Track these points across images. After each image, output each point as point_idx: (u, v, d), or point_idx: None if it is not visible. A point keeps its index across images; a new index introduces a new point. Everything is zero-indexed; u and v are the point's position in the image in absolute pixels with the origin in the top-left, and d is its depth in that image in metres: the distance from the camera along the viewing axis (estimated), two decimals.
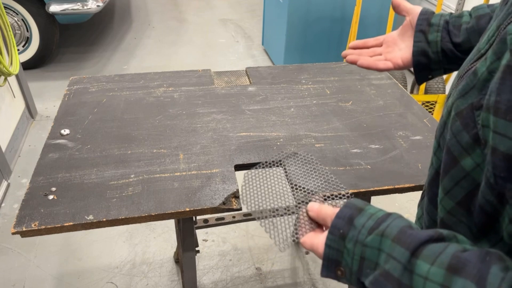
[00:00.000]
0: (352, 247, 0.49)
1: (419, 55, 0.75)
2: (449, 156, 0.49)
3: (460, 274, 0.41)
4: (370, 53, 0.84)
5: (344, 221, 0.52)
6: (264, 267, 1.86)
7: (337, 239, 0.51)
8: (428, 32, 0.75)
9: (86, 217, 0.86)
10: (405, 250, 0.45)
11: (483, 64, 0.46)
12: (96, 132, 1.12)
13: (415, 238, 0.45)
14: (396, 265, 0.45)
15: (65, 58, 3.58)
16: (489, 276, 0.39)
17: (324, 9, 3.03)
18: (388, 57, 0.81)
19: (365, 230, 0.49)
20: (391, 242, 0.46)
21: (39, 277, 1.78)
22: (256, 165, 0.93)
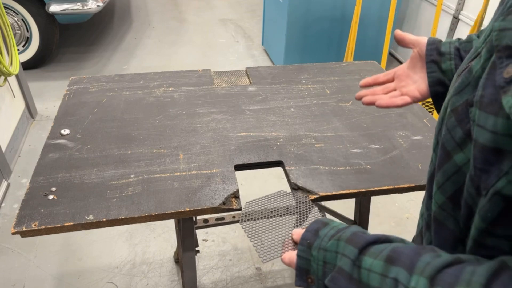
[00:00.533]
0: (316, 254, 0.56)
1: (436, 85, 0.75)
2: (443, 151, 0.51)
3: (395, 263, 0.47)
4: (384, 90, 0.82)
5: (311, 233, 0.59)
6: (264, 267, 1.86)
7: (305, 249, 0.58)
8: (440, 61, 0.74)
9: (86, 217, 0.86)
10: (354, 248, 0.52)
11: (477, 62, 0.47)
12: (96, 132, 1.12)
13: (364, 239, 0.53)
14: (347, 261, 0.52)
15: (65, 58, 3.58)
16: (418, 263, 0.46)
17: (324, 9, 3.03)
18: (404, 92, 0.79)
19: (327, 238, 0.56)
20: (344, 243, 0.54)
21: (39, 277, 1.78)
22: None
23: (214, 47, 3.92)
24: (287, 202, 0.92)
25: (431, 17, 3.18)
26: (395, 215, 2.15)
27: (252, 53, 3.81)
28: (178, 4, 4.96)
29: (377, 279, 0.48)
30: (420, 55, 0.77)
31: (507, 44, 0.42)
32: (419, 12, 3.37)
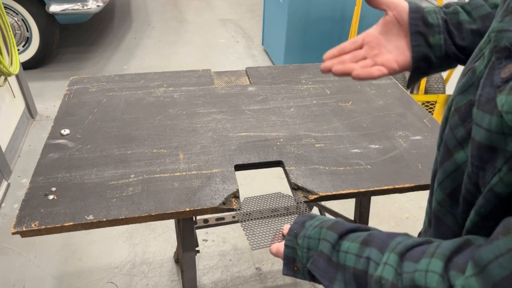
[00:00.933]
0: (301, 242, 0.61)
1: (420, 61, 0.67)
2: (445, 149, 0.51)
3: (370, 245, 0.52)
4: (353, 59, 0.71)
5: (298, 224, 0.64)
6: (264, 267, 1.86)
7: (292, 239, 0.63)
8: (427, 34, 0.66)
9: (86, 217, 0.86)
10: (334, 234, 0.57)
11: (481, 63, 0.48)
12: (96, 132, 1.12)
13: (344, 226, 0.58)
14: (327, 245, 0.56)
15: (65, 58, 3.58)
16: (390, 243, 0.50)
17: (324, 9, 3.03)
18: (379, 62, 0.69)
19: (311, 227, 0.61)
20: (326, 230, 0.58)
21: (39, 277, 1.78)
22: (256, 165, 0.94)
23: (214, 47, 3.92)
24: (284, 203, 0.93)
25: None
26: (395, 215, 2.15)
27: (252, 53, 3.81)
28: (178, 4, 4.96)
29: (353, 260, 0.52)
30: (398, 21, 0.68)
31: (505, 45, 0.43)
32: None
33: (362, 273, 0.51)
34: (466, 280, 0.39)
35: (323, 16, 3.06)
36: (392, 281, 0.46)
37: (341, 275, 0.54)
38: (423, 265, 0.44)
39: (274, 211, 0.90)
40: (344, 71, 0.69)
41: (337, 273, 0.54)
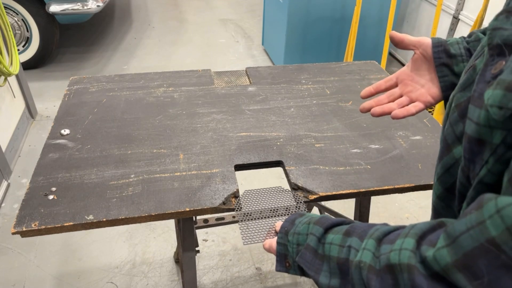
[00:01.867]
0: (292, 238, 0.64)
1: (449, 89, 0.71)
2: (445, 144, 0.53)
3: (351, 235, 0.55)
4: (389, 98, 0.76)
5: (289, 222, 0.67)
6: (264, 267, 1.86)
7: (283, 236, 0.66)
8: (452, 64, 0.70)
9: (86, 217, 0.86)
10: (320, 227, 0.60)
11: (481, 61, 0.49)
12: (96, 132, 1.12)
13: (330, 220, 0.61)
14: (313, 238, 0.59)
15: (65, 58, 3.58)
16: (369, 231, 0.53)
17: (324, 9, 3.03)
18: (414, 97, 0.74)
19: (301, 224, 0.64)
20: (313, 225, 0.61)
21: (39, 277, 1.78)
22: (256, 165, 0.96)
23: (214, 47, 3.92)
24: (284, 201, 0.93)
25: (431, 17, 3.18)
26: (395, 215, 2.15)
27: (252, 53, 3.81)
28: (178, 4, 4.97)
29: (336, 250, 0.56)
30: (425, 57, 0.73)
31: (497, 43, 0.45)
32: (419, 12, 3.37)
33: (344, 261, 0.54)
34: (437, 250, 0.41)
35: (323, 16, 3.06)
36: (369, 263, 0.49)
37: (326, 265, 0.57)
38: (397, 245, 0.47)
39: (274, 211, 0.90)
40: (382, 112, 0.75)
41: (323, 264, 0.57)
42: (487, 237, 0.36)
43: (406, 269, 0.44)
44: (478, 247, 0.37)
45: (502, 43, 0.44)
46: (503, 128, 0.40)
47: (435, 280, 0.41)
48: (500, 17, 0.46)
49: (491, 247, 0.36)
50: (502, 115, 0.40)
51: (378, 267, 0.48)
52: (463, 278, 0.38)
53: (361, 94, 0.80)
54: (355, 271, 0.51)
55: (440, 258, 0.40)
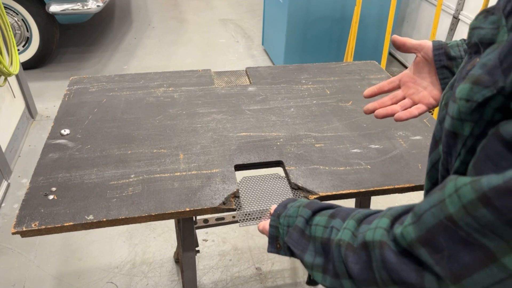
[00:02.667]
0: (283, 221, 0.66)
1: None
2: (433, 141, 0.55)
3: (336, 217, 0.59)
4: (393, 100, 0.79)
5: (282, 206, 0.69)
6: (264, 267, 1.86)
7: (275, 219, 0.68)
8: (452, 66, 0.72)
9: (86, 217, 0.86)
10: (309, 210, 0.63)
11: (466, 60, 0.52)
12: (96, 132, 1.12)
13: (319, 205, 0.64)
14: (301, 219, 0.63)
15: (65, 58, 3.58)
16: (352, 213, 0.57)
17: (324, 9, 3.03)
18: (416, 99, 0.76)
19: (292, 208, 0.67)
20: (303, 208, 0.65)
21: (39, 277, 1.78)
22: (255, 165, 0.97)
23: (214, 47, 3.92)
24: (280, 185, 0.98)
25: (431, 17, 3.18)
26: None
27: (252, 53, 3.81)
28: (178, 4, 4.97)
29: (321, 231, 0.59)
30: (426, 60, 0.75)
31: (474, 42, 0.47)
32: (419, 12, 3.37)
33: (327, 240, 0.57)
34: (404, 228, 0.44)
35: (323, 16, 3.06)
36: (348, 241, 0.52)
37: (312, 245, 0.60)
38: (374, 225, 0.50)
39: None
40: (386, 114, 0.77)
41: (308, 244, 0.61)
42: (446, 214, 0.39)
43: (378, 246, 0.47)
44: (438, 224, 0.40)
45: (479, 42, 0.46)
46: (471, 120, 0.42)
47: (403, 256, 0.44)
48: (479, 17, 0.48)
49: (449, 223, 0.38)
50: (469, 108, 0.42)
51: (356, 244, 0.51)
52: (426, 252, 0.41)
53: (364, 93, 0.82)
54: (335, 249, 0.54)
55: (406, 234, 0.44)
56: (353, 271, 0.50)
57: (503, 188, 0.34)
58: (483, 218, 0.36)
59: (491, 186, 0.35)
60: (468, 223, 0.37)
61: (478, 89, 0.41)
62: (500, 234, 0.35)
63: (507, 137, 0.37)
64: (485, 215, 0.35)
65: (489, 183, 0.35)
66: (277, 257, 1.91)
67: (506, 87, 0.38)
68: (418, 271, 0.43)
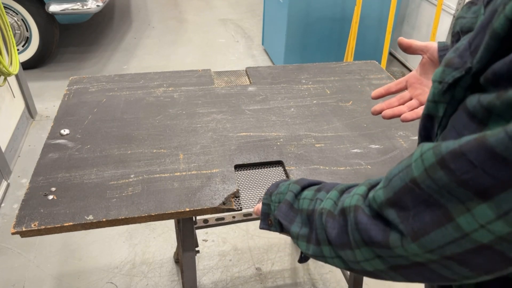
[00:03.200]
0: (274, 198, 0.68)
1: None
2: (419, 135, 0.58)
3: (321, 190, 0.61)
4: (400, 101, 0.81)
5: (274, 185, 0.71)
6: (264, 267, 1.86)
7: (267, 197, 0.70)
8: None
9: (86, 217, 0.86)
10: (298, 186, 0.66)
11: None
12: (96, 132, 1.12)
13: (308, 181, 0.67)
14: (291, 194, 0.65)
15: (65, 58, 3.58)
16: (336, 186, 0.59)
17: (324, 9, 3.03)
18: (423, 100, 0.78)
19: (283, 186, 0.68)
20: (293, 184, 0.67)
21: (39, 277, 1.78)
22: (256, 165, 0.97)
23: (214, 47, 3.92)
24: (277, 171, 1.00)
25: (431, 17, 3.18)
26: None
27: (252, 53, 3.81)
28: (178, 4, 4.96)
29: (307, 203, 0.61)
30: (432, 61, 0.76)
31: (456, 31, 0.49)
32: (419, 12, 3.37)
33: (312, 211, 0.59)
34: (376, 191, 0.48)
35: (323, 16, 3.05)
36: (329, 209, 0.55)
37: (299, 217, 0.62)
38: (352, 192, 0.53)
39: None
40: (393, 115, 0.79)
41: (296, 216, 0.63)
42: (410, 177, 0.42)
43: (353, 209, 0.50)
44: (404, 186, 0.43)
45: (460, 30, 0.49)
46: (443, 101, 0.45)
47: (374, 218, 0.47)
48: (464, 7, 0.50)
49: (413, 185, 0.41)
50: (441, 89, 0.45)
51: (336, 212, 0.54)
52: (393, 212, 0.44)
53: (372, 95, 0.84)
54: (318, 217, 0.57)
55: (377, 197, 0.47)
56: (331, 236, 0.53)
57: (458, 151, 0.37)
58: (440, 180, 0.38)
59: (448, 150, 0.38)
60: (428, 185, 0.39)
61: (449, 71, 0.44)
62: (455, 194, 0.37)
63: (470, 108, 0.40)
64: (442, 177, 0.38)
65: (446, 147, 0.38)
66: (277, 257, 1.91)
67: (473, 67, 0.41)
68: (385, 231, 0.45)
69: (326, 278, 1.83)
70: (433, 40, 2.90)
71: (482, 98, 0.38)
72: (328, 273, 1.85)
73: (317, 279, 1.82)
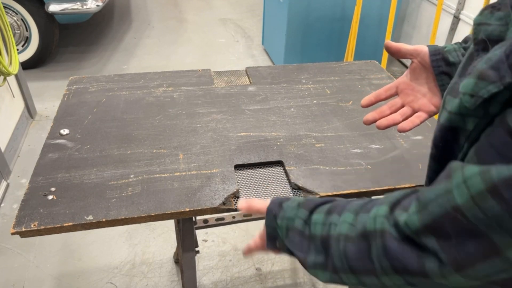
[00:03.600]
0: (280, 222, 0.63)
1: None
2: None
3: (332, 212, 0.57)
4: (391, 108, 0.77)
5: (276, 205, 0.65)
6: (264, 267, 1.86)
7: (271, 218, 0.65)
8: (452, 72, 0.69)
9: (86, 217, 0.86)
10: (306, 211, 0.61)
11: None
12: (95, 132, 1.12)
13: (314, 202, 0.62)
14: (300, 221, 0.60)
15: (65, 58, 3.58)
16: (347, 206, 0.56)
17: (324, 9, 3.03)
18: (416, 107, 0.74)
19: (290, 209, 0.63)
20: (298, 207, 0.62)
21: (39, 277, 1.78)
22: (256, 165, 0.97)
23: (214, 46, 3.91)
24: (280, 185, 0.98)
25: (431, 17, 3.18)
26: None
27: (252, 53, 3.81)
28: (178, 4, 4.96)
29: (320, 229, 0.57)
30: (423, 65, 0.72)
31: (482, 38, 0.46)
32: (420, 11, 3.37)
33: (326, 236, 0.56)
34: (409, 216, 0.44)
35: (323, 15, 3.05)
36: (346, 233, 0.52)
37: (313, 244, 0.58)
38: (373, 213, 0.50)
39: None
40: (388, 125, 0.76)
41: (310, 245, 0.59)
42: (453, 204, 0.39)
43: (380, 234, 0.47)
44: (445, 214, 0.40)
45: (486, 38, 0.46)
46: (475, 115, 0.42)
47: (406, 243, 0.44)
48: (485, 12, 0.48)
49: (457, 214, 0.39)
50: (473, 103, 0.42)
51: (355, 235, 0.51)
52: (433, 239, 0.41)
53: (362, 103, 0.80)
54: (335, 244, 0.54)
55: (411, 223, 0.44)
56: (352, 262, 0.50)
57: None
58: (491, 210, 0.35)
59: (501, 177, 0.34)
60: (475, 214, 0.37)
61: (483, 84, 0.41)
62: (506, 227, 0.35)
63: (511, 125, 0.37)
64: (493, 207, 0.35)
65: (499, 173, 0.35)
66: (277, 258, 1.91)
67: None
68: (420, 257, 0.43)
69: None
70: (433, 40, 2.90)
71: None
72: None
73: (317, 280, 1.82)
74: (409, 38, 3.53)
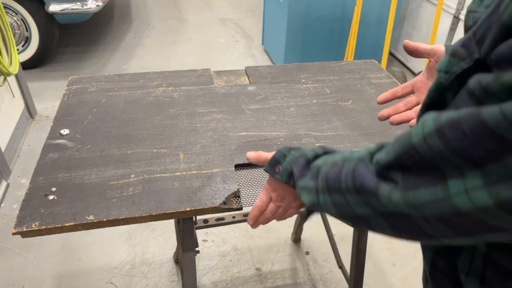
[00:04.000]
0: (294, 152, 0.66)
1: None
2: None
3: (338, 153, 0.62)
4: (407, 106, 0.80)
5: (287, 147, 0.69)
6: (264, 267, 1.86)
7: (286, 150, 0.68)
8: None
9: (87, 217, 0.86)
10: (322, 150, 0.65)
11: None
12: (95, 132, 1.12)
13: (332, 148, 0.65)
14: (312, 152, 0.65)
15: (65, 58, 3.58)
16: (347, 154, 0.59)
17: (324, 9, 3.03)
18: None
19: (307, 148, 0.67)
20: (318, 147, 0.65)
21: (39, 277, 1.78)
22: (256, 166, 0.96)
23: (214, 46, 3.92)
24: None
25: (431, 17, 3.18)
26: None
27: (252, 53, 3.81)
28: (178, 4, 4.96)
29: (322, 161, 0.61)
30: None
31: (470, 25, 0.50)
32: (420, 11, 3.37)
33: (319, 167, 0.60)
34: (379, 154, 0.50)
35: (323, 15, 3.05)
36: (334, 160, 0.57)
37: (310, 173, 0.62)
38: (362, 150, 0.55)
39: None
40: (401, 120, 0.78)
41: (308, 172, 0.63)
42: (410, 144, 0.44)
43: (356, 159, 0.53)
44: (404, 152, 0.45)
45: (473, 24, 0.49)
46: (451, 89, 0.46)
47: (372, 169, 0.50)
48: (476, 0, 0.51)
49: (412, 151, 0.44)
50: (448, 79, 0.46)
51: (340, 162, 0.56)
52: (399, 174, 0.46)
53: (378, 99, 0.83)
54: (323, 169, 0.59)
55: (380, 159, 0.49)
56: (329, 183, 0.55)
57: (456, 121, 0.39)
58: (435, 147, 0.40)
59: (448, 119, 0.40)
60: (425, 151, 0.42)
61: (455, 61, 0.45)
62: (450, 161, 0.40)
63: (470, 86, 0.42)
64: (438, 144, 0.40)
65: (447, 116, 0.40)
66: (277, 258, 1.91)
67: (481, 58, 0.42)
68: (379, 180, 0.48)
69: (326, 278, 1.83)
70: (433, 40, 2.91)
71: (481, 78, 0.40)
72: (328, 273, 1.85)
73: (317, 279, 1.82)
74: (409, 38, 3.53)
